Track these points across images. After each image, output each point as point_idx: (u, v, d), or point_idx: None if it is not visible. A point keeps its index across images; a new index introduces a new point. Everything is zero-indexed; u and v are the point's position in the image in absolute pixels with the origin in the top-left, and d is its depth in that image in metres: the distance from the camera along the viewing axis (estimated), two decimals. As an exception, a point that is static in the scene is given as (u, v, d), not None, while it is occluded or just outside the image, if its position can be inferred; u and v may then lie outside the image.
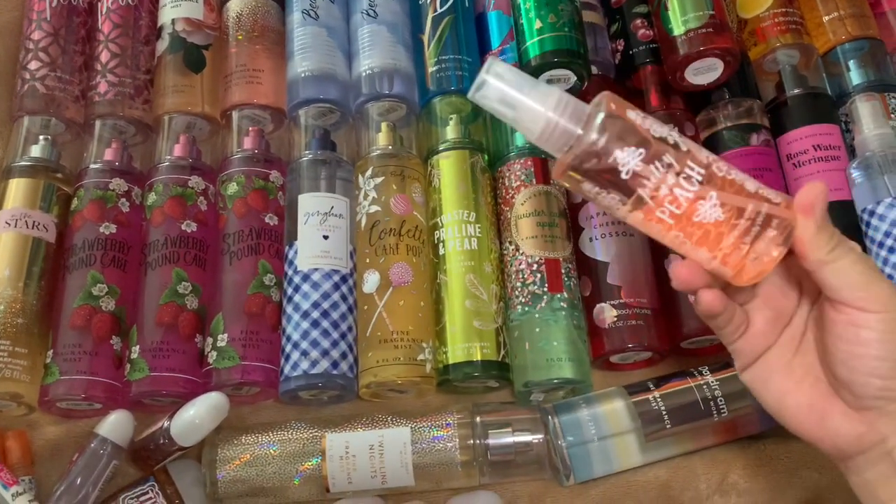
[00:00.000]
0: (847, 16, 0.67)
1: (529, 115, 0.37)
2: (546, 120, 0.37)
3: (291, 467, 0.54)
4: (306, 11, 0.67)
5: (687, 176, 0.37)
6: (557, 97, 0.37)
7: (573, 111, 0.37)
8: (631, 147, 0.36)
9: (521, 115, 0.37)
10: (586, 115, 0.37)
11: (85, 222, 0.60)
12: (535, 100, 0.37)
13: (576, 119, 0.37)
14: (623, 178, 0.36)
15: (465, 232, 0.60)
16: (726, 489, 0.55)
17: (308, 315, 0.57)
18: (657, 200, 0.37)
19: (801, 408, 0.41)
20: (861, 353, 0.38)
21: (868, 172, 0.59)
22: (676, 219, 0.37)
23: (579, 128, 0.37)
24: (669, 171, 0.36)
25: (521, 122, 0.38)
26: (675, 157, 0.37)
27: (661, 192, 0.37)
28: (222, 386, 0.56)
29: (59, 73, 0.66)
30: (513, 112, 0.37)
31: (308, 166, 0.62)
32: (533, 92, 0.37)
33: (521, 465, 0.55)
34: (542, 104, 0.37)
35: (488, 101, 0.38)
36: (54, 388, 0.56)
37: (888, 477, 0.38)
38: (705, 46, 0.60)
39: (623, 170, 0.36)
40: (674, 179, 0.36)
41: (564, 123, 0.37)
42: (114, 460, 0.54)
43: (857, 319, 0.38)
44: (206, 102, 0.66)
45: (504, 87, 0.37)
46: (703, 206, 0.37)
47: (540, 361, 0.57)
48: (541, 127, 0.37)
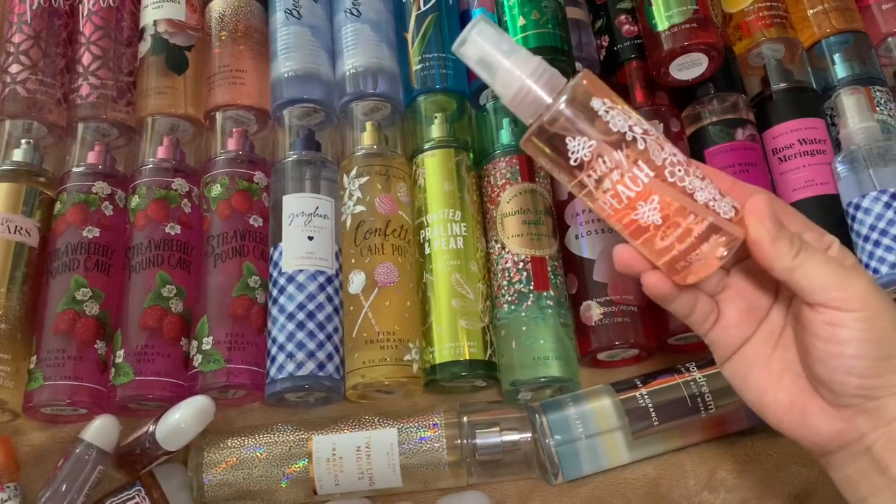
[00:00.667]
0: (831, 9, 0.67)
1: (506, 78, 0.38)
2: (521, 84, 0.38)
3: (278, 470, 0.54)
4: (289, 11, 0.67)
5: (633, 176, 0.37)
6: (536, 64, 0.38)
7: (548, 80, 0.38)
8: (583, 137, 0.37)
9: (498, 76, 0.38)
10: (560, 87, 0.38)
11: (68, 226, 0.60)
12: (513, 63, 0.38)
13: (549, 89, 0.38)
14: (571, 164, 0.38)
15: (451, 231, 0.60)
16: (715, 485, 0.55)
17: (293, 317, 0.56)
18: (599, 192, 0.38)
19: (780, 404, 0.40)
20: (839, 352, 0.37)
21: (853, 166, 0.59)
22: (616, 212, 0.38)
23: (550, 97, 0.37)
24: (616, 170, 0.37)
25: (498, 82, 0.38)
26: (626, 155, 0.37)
27: (605, 185, 0.38)
28: (208, 389, 0.56)
29: (40, 76, 0.65)
30: (490, 72, 0.38)
31: (292, 167, 0.62)
32: (513, 55, 0.38)
33: (509, 465, 0.54)
34: (519, 68, 0.38)
35: (469, 58, 0.38)
36: (38, 393, 0.55)
37: (868, 473, 0.38)
38: (689, 42, 0.60)
39: (572, 157, 0.37)
40: (618, 177, 0.37)
41: (537, 91, 0.38)
42: (99, 465, 0.53)
43: (834, 319, 0.37)
44: (190, 104, 0.66)
45: (486, 47, 0.38)
46: (643, 208, 0.38)
47: (527, 360, 0.56)
48: (514, 90, 0.38)
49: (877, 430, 0.38)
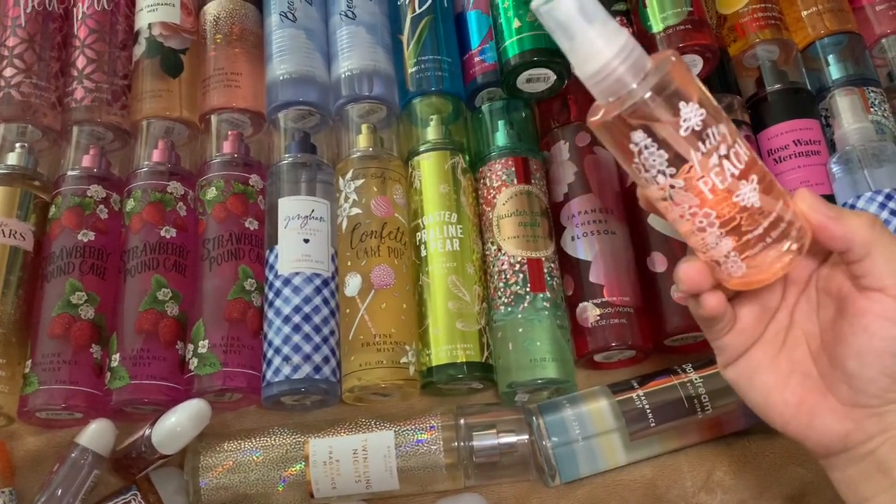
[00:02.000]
0: (825, 10, 0.67)
1: (589, 51, 0.34)
2: (605, 62, 0.34)
3: (275, 473, 0.54)
4: (284, 14, 0.67)
5: (736, 152, 0.35)
6: (624, 41, 0.34)
7: (635, 62, 0.34)
8: (694, 104, 0.34)
9: (579, 46, 0.34)
10: (646, 71, 0.34)
11: (63, 230, 0.60)
12: (601, 36, 0.34)
13: (634, 71, 0.34)
14: (681, 133, 0.34)
15: (447, 233, 0.60)
16: (712, 486, 0.55)
17: (289, 320, 0.56)
18: (705, 167, 0.34)
19: (788, 405, 0.40)
20: (882, 348, 0.37)
21: (848, 166, 0.59)
22: (715, 194, 0.35)
23: (635, 82, 0.34)
24: (723, 142, 0.34)
25: (577, 54, 0.34)
26: (730, 129, 0.35)
27: (712, 160, 0.34)
28: (204, 393, 0.55)
29: (34, 80, 0.65)
30: (571, 42, 0.34)
31: (288, 169, 0.61)
32: (601, 27, 0.34)
33: (506, 467, 0.54)
34: (606, 44, 0.34)
35: (552, 19, 0.34)
36: (34, 398, 0.55)
37: (870, 475, 0.38)
38: (684, 43, 0.60)
39: (684, 124, 0.34)
40: (725, 150, 0.34)
41: (622, 72, 0.34)
42: (95, 470, 0.53)
43: (889, 312, 0.36)
44: (185, 107, 0.66)
45: (573, 11, 0.33)
46: (745, 188, 0.35)
47: (524, 362, 0.56)
48: (596, 67, 0.34)
49: (885, 434, 0.38)
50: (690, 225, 0.36)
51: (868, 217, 0.37)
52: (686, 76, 0.35)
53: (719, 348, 0.42)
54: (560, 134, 0.64)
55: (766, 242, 0.36)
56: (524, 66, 0.62)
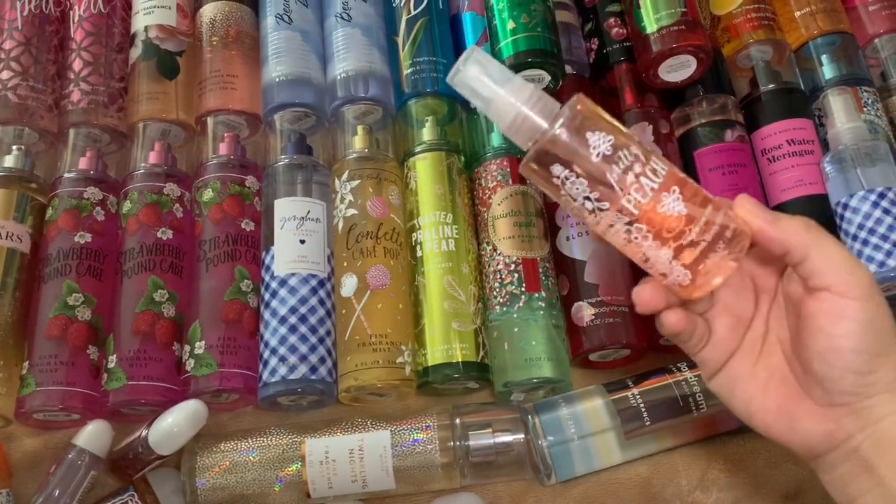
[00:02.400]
0: (818, 11, 0.67)
1: (501, 106, 0.38)
2: (516, 112, 0.38)
3: (272, 473, 0.54)
4: (280, 16, 0.67)
5: (653, 168, 0.37)
6: (530, 92, 0.38)
7: (544, 107, 0.38)
8: (602, 132, 0.37)
9: (493, 104, 0.38)
10: (556, 112, 0.38)
11: (60, 232, 0.60)
12: (508, 91, 0.38)
13: (545, 114, 0.38)
14: (593, 160, 0.37)
15: (443, 233, 0.60)
16: (707, 485, 0.55)
17: (285, 320, 0.56)
18: (624, 187, 0.37)
19: (769, 411, 0.41)
20: (840, 345, 0.37)
21: (841, 166, 0.59)
22: (640, 209, 0.37)
23: (546, 122, 0.38)
24: (637, 161, 0.37)
25: (493, 111, 0.39)
26: (641, 149, 0.38)
27: (629, 178, 0.37)
28: (200, 393, 0.56)
29: (31, 83, 0.65)
30: (485, 101, 0.39)
31: (284, 171, 0.62)
32: (507, 84, 0.38)
33: (502, 466, 0.54)
34: (514, 96, 0.38)
35: (463, 87, 0.39)
36: (31, 399, 0.55)
37: (856, 474, 0.39)
38: (678, 44, 0.60)
39: (594, 152, 0.37)
40: (640, 168, 0.37)
41: (533, 117, 0.38)
42: (92, 471, 0.53)
43: (838, 309, 0.37)
44: (181, 109, 0.66)
45: (480, 77, 0.38)
46: (668, 199, 0.37)
47: (519, 361, 0.57)
48: (511, 118, 0.38)
49: (864, 431, 0.38)
50: (630, 245, 0.39)
51: (803, 220, 0.39)
52: (593, 111, 0.38)
53: (699, 362, 0.43)
54: (555, 134, 0.64)
55: (702, 247, 0.38)
56: (519, 67, 0.62)
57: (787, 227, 0.38)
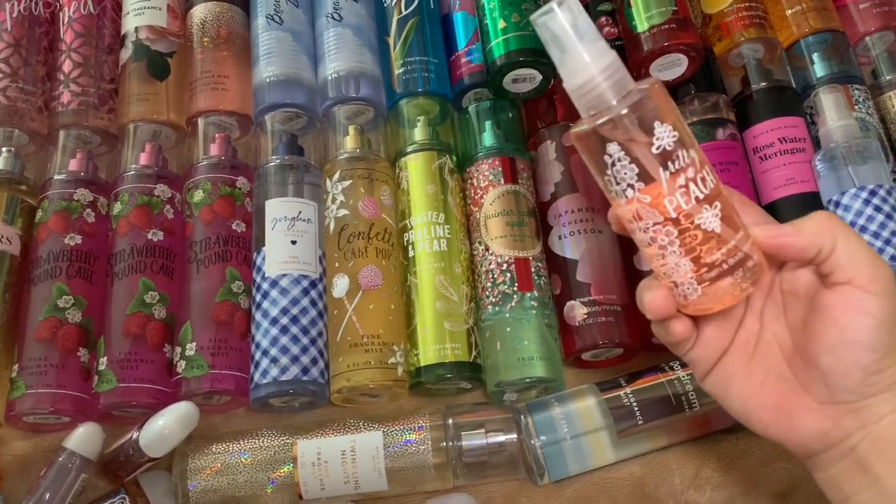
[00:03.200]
0: (809, 9, 0.67)
1: (577, 65, 0.36)
2: (590, 77, 0.36)
3: (264, 475, 0.54)
4: (270, 16, 0.67)
5: (703, 177, 0.37)
6: (610, 60, 0.36)
7: (618, 81, 0.36)
8: (669, 126, 0.36)
9: (568, 59, 0.37)
10: (627, 90, 0.36)
11: (50, 234, 0.59)
12: (588, 52, 0.36)
13: (617, 89, 0.36)
14: (653, 151, 0.36)
15: (435, 233, 0.60)
16: (701, 483, 0.55)
17: (277, 321, 0.56)
18: (671, 187, 0.36)
19: (766, 409, 0.40)
20: (853, 339, 0.37)
21: (832, 163, 0.59)
22: (679, 213, 0.36)
23: (615, 99, 0.36)
24: (692, 166, 0.36)
25: (566, 66, 0.37)
26: (699, 155, 0.37)
27: (679, 180, 0.36)
28: (192, 395, 0.55)
29: (21, 84, 0.65)
30: (562, 54, 0.37)
31: (275, 171, 0.61)
32: (591, 44, 0.36)
33: (495, 466, 0.54)
34: (593, 60, 0.36)
35: (547, 30, 0.37)
36: (21, 402, 0.55)
37: (852, 472, 0.38)
38: (669, 42, 0.61)
39: (656, 143, 0.36)
40: (693, 174, 0.36)
41: (604, 88, 0.36)
42: (83, 474, 0.53)
43: (858, 303, 0.37)
44: (172, 110, 0.66)
45: (567, 26, 0.36)
46: (707, 213, 0.37)
47: (512, 361, 0.57)
48: (582, 80, 0.36)
49: (863, 430, 0.38)
50: (653, 245, 0.38)
51: (822, 215, 0.39)
52: (665, 101, 0.37)
53: (690, 363, 0.43)
54: (547, 134, 0.64)
55: (723, 269, 0.37)
56: (510, 66, 0.62)
57: (810, 229, 0.38)
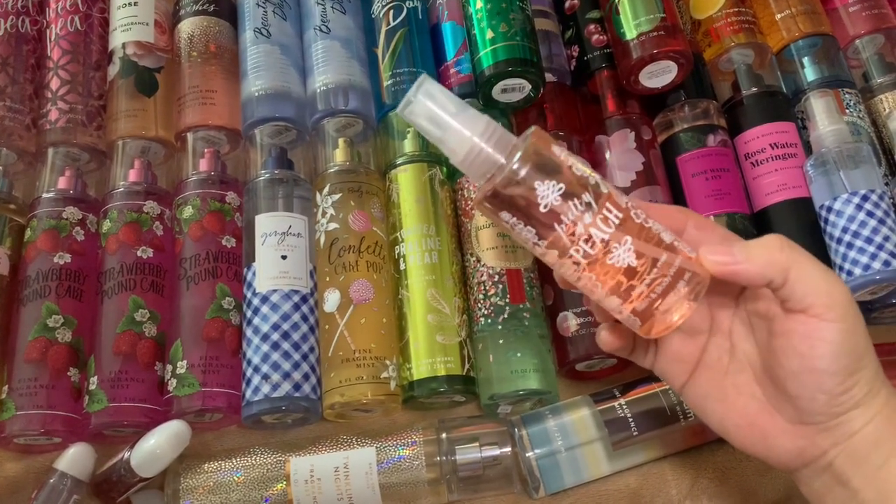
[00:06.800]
0: (799, 13, 0.67)
1: (455, 138, 0.37)
2: (471, 145, 0.37)
3: (257, 493, 0.53)
4: (258, 30, 0.67)
5: (604, 217, 0.36)
6: (485, 124, 0.37)
7: (499, 140, 0.37)
8: (551, 181, 0.36)
9: (447, 136, 0.37)
10: (511, 146, 0.37)
11: (39, 253, 0.59)
12: (462, 123, 0.37)
13: (501, 147, 0.37)
14: (541, 210, 0.36)
15: (426, 246, 0.59)
16: (697, 493, 0.55)
17: (268, 337, 0.56)
18: (572, 238, 0.36)
19: (741, 429, 0.40)
20: (814, 367, 0.37)
21: (824, 168, 0.59)
22: (590, 260, 0.37)
23: (503, 157, 0.36)
24: (588, 211, 0.36)
25: (447, 143, 0.37)
26: (594, 197, 0.37)
27: (578, 230, 0.36)
28: (183, 413, 0.55)
29: (8, 102, 0.65)
30: (439, 133, 0.37)
31: (265, 186, 0.61)
32: (461, 115, 0.37)
33: (490, 480, 0.54)
34: (469, 129, 0.37)
35: (416, 118, 0.37)
36: (10, 423, 0.55)
37: (832, 486, 0.39)
38: (658, 49, 0.60)
39: (541, 203, 0.36)
40: (591, 219, 0.36)
41: (488, 150, 0.37)
42: (74, 495, 0.53)
43: (814, 331, 0.37)
44: (160, 126, 0.66)
45: (433, 107, 0.37)
46: (618, 250, 0.36)
47: (505, 373, 0.56)
48: (465, 151, 0.37)
49: (837, 447, 0.38)
50: (581, 286, 0.38)
51: (775, 241, 0.38)
52: (546, 144, 0.37)
53: (660, 375, 0.43)
54: (537, 143, 0.64)
55: (652, 297, 0.37)
56: (498, 76, 0.61)
57: (761, 258, 0.37)
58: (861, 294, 0.57)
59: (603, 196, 0.37)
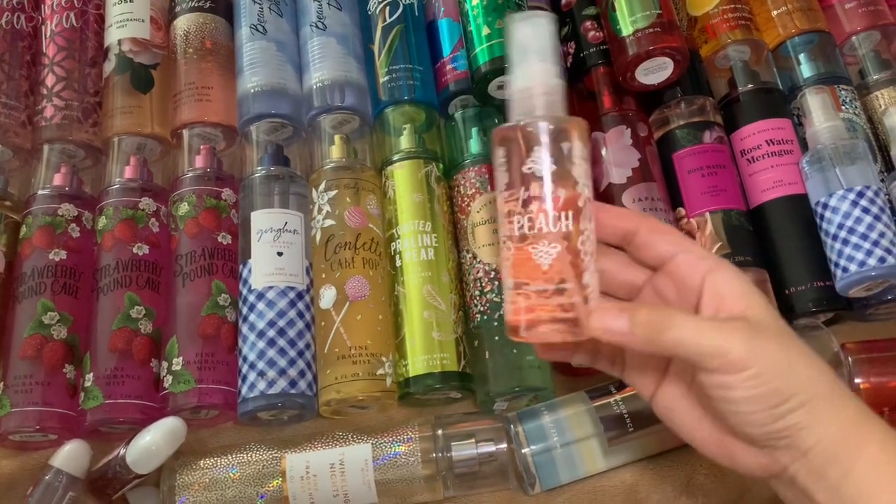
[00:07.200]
0: (795, 10, 0.67)
1: (524, 72, 0.39)
2: (529, 85, 0.39)
3: (252, 490, 0.53)
4: (254, 26, 0.67)
5: (557, 218, 0.38)
6: (553, 83, 0.39)
7: (552, 101, 0.39)
8: (550, 158, 0.38)
9: (520, 66, 0.40)
10: (555, 112, 0.39)
11: (34, 250, 0.59)
12: (539, 67, 0.39)
13: (546, 106, 0.39)
14: (523, 170, 0.38)
15: (422, 242, 0.59)
16: (693, 490, 0.55)
17: (264, 334, 0.56)
18: (525, 209, 0.38)
19: (707, 444, 0.40)
20: (734, 410, 0.37)
21: (820, 165, 0.59)
22: (521, 235, 0.38)
23: (541, 112, 0.39)
24: (553, 201, 0.38)
25: (516, 70, 0.40)
26: (567, 198, 0.38)
27: (532, 206, 0.38)
28: (179, 410, 0.55)
29: (4, 99, 0.65)
30: (518, 58, 0.40)
31: (261, 182, 0.61)
32: (543, 63, 0.39)
33: (486, 476, 0.54)
34: (539, 74, 0.39)
35: (515, 33, 0.40)
36: (6, 420, 0.55)
37: (801, 498, 0.39)
38: (654, 46, 0.60)
39: (528, 165, 0.38)
40: (549, 208, 0.38)
41: (537, 99, 0.39)
42: (70, 492, 0.53)
43: (726, 384, 0.37)
44: (156, 122, 0.65)
45: (531, 38, 0.39)
46: (544, 247, 0.38)
47: (501, 370, 0.56)
48: (522, 86, 0.39)
49: (796, 462, 0.38)
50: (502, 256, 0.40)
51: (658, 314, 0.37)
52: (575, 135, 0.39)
53: (630, 385, 0.43)
54: (533, 140, 0.64)
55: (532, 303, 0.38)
56: (494, 72, 0.61)
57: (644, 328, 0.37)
58: (857, 290, 0.57)
59: (574, 206, 0.38)
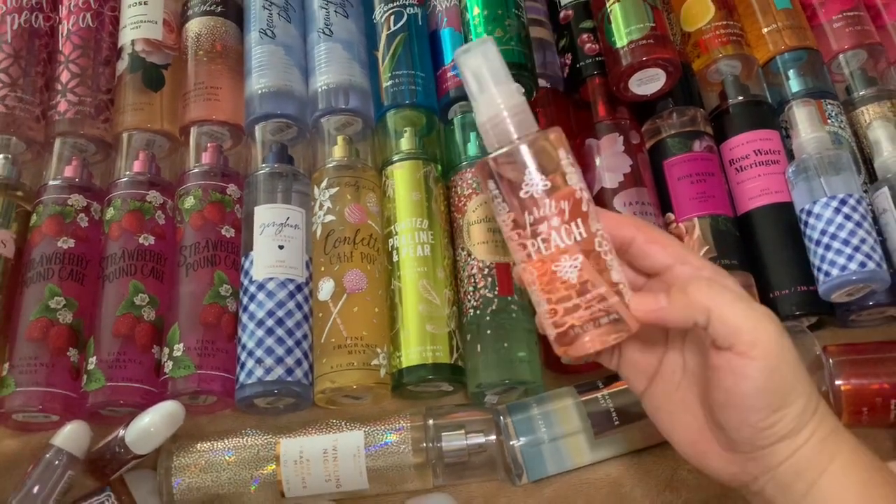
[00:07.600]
0: (785, 27, 0.69)
1: (487, 101, 0.40)
2: (496, 112, 0.40)
3: (247, 473, 0.55)
4: (263, 31, 0.69)
5: (569, 229, 0.38)
6: (517, 102, 0.40)
7: (522, 120, 0.40)
8: (542, 175, 0.39)
9: (481, 96, 0.40)
10: (529, 130, 0.40)
11: (43, 237, 0.61)
12: (499, 91, 0.40)
13: (520, 127, 0.40)
14: (520, 195, 0.39)
15: (419, 239, 0.61)
16: (677, 485, 0.56)
17: (263, 323, 0.57)
18: (534, 231, 0.39)
19: (683, 445, 0.42)
20: (738, 402, 0.38)
21: (805, 174, 0.61)
22: (539, 257, 0.39)
23: (517, 135, 0.39)
24: (559, 216, 0.38)
25: (479, 102, 0.40)
26: (571, 208, 0.39)
27: (541, 228, 0.38)
28: (178, 395, 0.56)
29: (19, 93, 0.67)
30: (477, 90, 0.40)
31: (265, 179, 0.63)
32: (502, 85, 0.40)
33: (474, 467, 0.55)
34: (502, 99, 0.40)
35: (465, 68, 0.41)
36: (10, 400, 0.56)
37: None
38: (647, 57, 0.63)
39: (524, 188, 0.39)
40: (558, 223, 0.38)
41: (508, 124, 0.39)
42: (69, 471, 0.54)
43: (739, 368, 0.37)
44: (166, 120, 0.68)
45: (483, 66, 0.40)
46: (566, 262, 0.38)
47: (492, 363, 0.58)
48: (490, 115, 0.40)
49: (765, 475, 0.39)
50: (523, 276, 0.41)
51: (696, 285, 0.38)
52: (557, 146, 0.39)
53: (624, 379, 0.44)
54: (529, 145, 0.66)
55: (574, 317, 0.39)
56: (493, 79, 0.63)
57: (681, 302, 0.38)
58: (838, 295, 0.58)
59: (579, 212, 0.39)
